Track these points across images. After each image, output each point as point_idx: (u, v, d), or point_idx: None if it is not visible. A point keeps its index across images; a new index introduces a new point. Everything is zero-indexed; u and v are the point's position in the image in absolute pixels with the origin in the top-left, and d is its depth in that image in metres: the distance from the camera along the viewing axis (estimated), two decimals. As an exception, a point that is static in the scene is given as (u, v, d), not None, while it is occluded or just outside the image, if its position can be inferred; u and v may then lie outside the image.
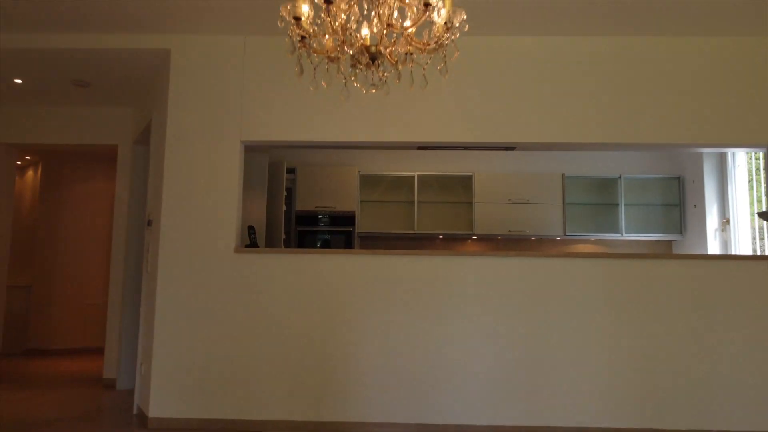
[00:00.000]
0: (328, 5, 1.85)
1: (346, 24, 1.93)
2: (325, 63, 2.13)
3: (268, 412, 3.46)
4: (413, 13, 1.95)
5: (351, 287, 3.56)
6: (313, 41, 2.03)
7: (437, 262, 3.59)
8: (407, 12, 1.98)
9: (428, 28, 2.01)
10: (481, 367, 3.46)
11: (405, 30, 1.93)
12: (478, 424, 3.41)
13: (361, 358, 3.49)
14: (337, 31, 1.93)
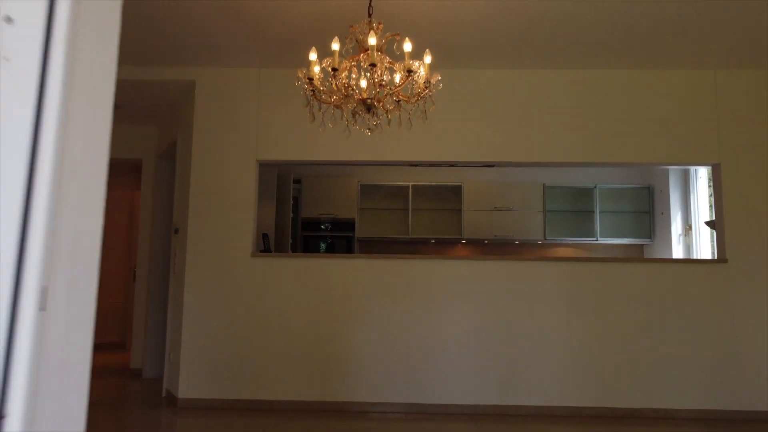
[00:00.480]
0: (335, 72, 2.43)
1: (347, 83, 2.51)
2: (332, 109, 2.71)
3: (279, 393, 4.04)
4: (402, 74, 2.53)
5: (351, 287, 4.14)
6: (321, 94, 2.61)
7: (427, 265, 4.17)
8: (395, 70, 2.57)
9: (411, 85, 2.59)
10: (463, 355, 4.04)
11: (393, 89, 2.51)
12: (460, 404, 4.00)
13: (359, 348, 4.07)
14: (341, 89, 2.52)
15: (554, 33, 3.61)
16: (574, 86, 4.34)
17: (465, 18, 3.37)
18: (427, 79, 2.54)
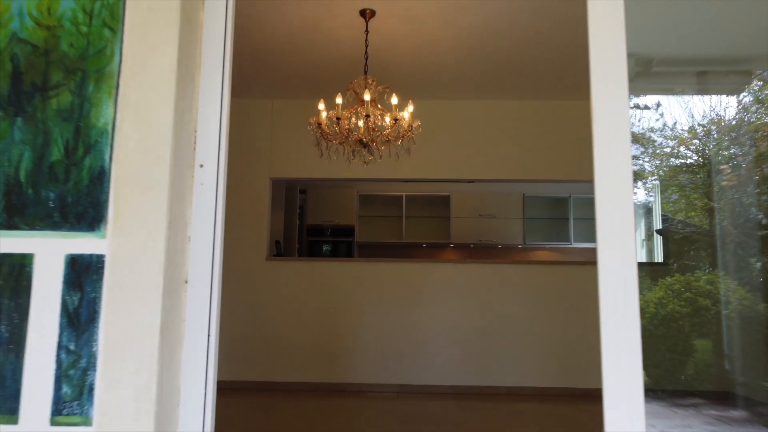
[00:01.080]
0: (339, 120, 3.18)
1: (348, 127, 3.26)
2: (336, 145, 3.46)
3: (290, 375, 4.78)
4: (390, 121, 3.28)
5: (352, 286, 4.88)
6: (328, 135, 3.36)
7: (417, 268, 4.92)
8: (385, 116, 3.31)
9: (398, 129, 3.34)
10: (447, 343, 4.78)
11: (384, 132, 3.26)
12: (443, 384, 4.74)
13: (358, 337, 4.81)
14: (343, 132, 3.26)
15: (496, 73, 4.36)
16: (516, 115, 5.07)
17: (439, 63, 4.14)
18: (410, 125, 3.28)
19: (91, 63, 1.22)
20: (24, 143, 1.19)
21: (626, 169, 1.30)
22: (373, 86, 3.25)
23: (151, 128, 1.20)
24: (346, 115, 3.25)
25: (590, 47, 1.35)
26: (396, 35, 3.74)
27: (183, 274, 1.29)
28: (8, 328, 1.14)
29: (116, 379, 1.13)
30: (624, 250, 1.25)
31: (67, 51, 1.22)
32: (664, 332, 5.20)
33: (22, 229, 1.16)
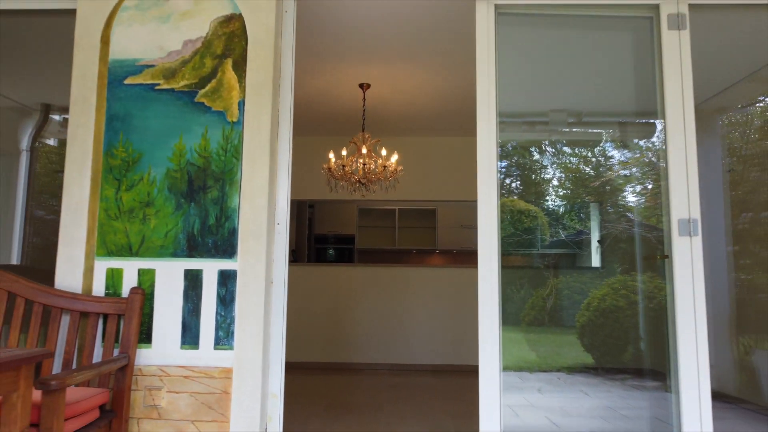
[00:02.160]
0: (344, 167, 4.44)
1: (351, 169, 4.53)
2: (342, 182, 4.72)
3: (304, 356, 6.03)
4: (383, 163, 4.54)
5: (352, 285, 6.13)
6: (335, 176, 4.62)
7: (406, 271, 6.17)
8: (378, 161, 4.58)
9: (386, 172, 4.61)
10: (429, 331, 6.03)
11: (376, 174, 4.52)
12: (425, 363, 5.98)
13: (357, 326, 6.06)
14: (347, 173, 4.53)
15: (454, 118, 5.63)
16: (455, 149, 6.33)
17: (416, 113, 5.42)
18: (395, 168, 4.55)
19: (227, 175, 2.48)
20: (196, 215, 2.45)
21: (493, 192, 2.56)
22: (368, 140, 4.52)
23: (256, 208, 2.46)
24: (349, 162, 4.51)
25: (477, 109, 2.61)
26: (386, 98, 5.01)
27: (270, 278, 2.55)
28: (193, 305, 2.41)
29: (244, 328, 2.39)
30: (491, 249, 2.51)
31: (215, 169, 2.48)
32: (604, 322, 6.45)
33: (196, 258, 2.43)
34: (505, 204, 4.29)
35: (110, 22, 2.56)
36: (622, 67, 2.98)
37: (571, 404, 3.56)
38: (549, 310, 4.01)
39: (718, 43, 3.34)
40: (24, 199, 3.82)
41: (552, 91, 3.17)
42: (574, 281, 4.62)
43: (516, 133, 3.18)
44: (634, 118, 3.20)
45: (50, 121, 4.17)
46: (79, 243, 2.42)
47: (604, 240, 5.39)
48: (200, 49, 2.52)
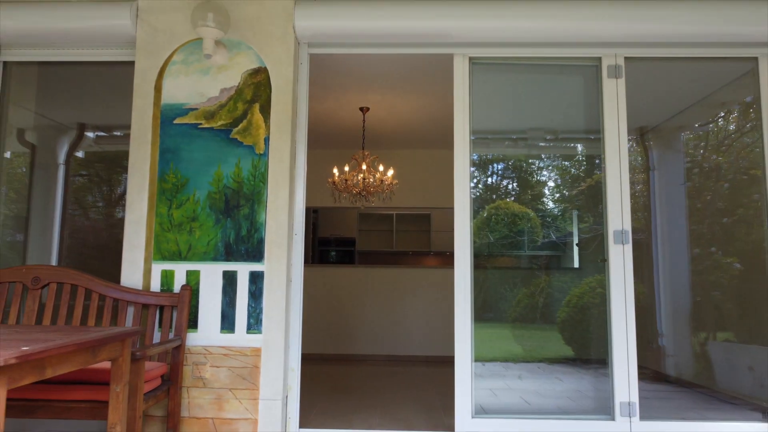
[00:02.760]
0: (346, 181, 5.10)
1: (353, 183, 5.19)
2: (344, 194, 5.38)
3: (310, 348, 6.67)
4: (380, 177, 5.20)
5: (354, 284, 6.78)
6: (339, 188, 5.28)
7: (402, 272, 6.82)
8: (376, 175, 5.24)
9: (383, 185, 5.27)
10: (422, 325, 6.69)
11: (374, 187, 5.18)
12: (418, 354, 6.64)
13: (358, 321, 6.71)
14: (350, 186, 5.19)
15: None
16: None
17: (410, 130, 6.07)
18: (391, 182, 5.21)
19: (255, 196, 3.14)
20: (231, 228, 3.11)
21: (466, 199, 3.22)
22: (367, 157, 5.18)
23: (279, 222, 3.12)
24: (351, 176, 5.17)
25: (455, 137, 3.27)
26: (383, 118, 5.67)
27: (290, 278, 3.21)
28: (229, 298, 3.06)
29: (270, 317, 3.05)
30: (465, 247, 3.17)
31: (246, 191, 3.14)
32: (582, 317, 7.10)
33: (232, 262, 3.09)
34: (499, 206, 4.91)
35: (162, 73, 3.22)
36: (574, 100, 3.63)
37: (546, 388, 4.16)
38: (534, 307, 4.60)
39: (676, 72, 3.97)
40: (61, 206, 4.47)
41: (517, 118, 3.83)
42: (556, 281, 5.23)
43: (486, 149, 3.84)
44: (585, 142, 3.85)
45: (84, 137, 4.81)
46: (140, 250, 3.09)
47: (581, 243, 5.93)
48: (234, 95, 3.19)
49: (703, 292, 5.39)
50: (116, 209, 3.93)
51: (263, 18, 3.23)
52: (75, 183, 4.67)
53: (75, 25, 3.26)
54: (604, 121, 3.33)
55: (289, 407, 3.11)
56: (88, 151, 4.68)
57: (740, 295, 4.05)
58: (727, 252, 4.11)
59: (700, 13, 3.15)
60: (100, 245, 3.87)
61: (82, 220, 4.39)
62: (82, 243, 4.09)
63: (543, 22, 3.20)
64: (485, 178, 3.97)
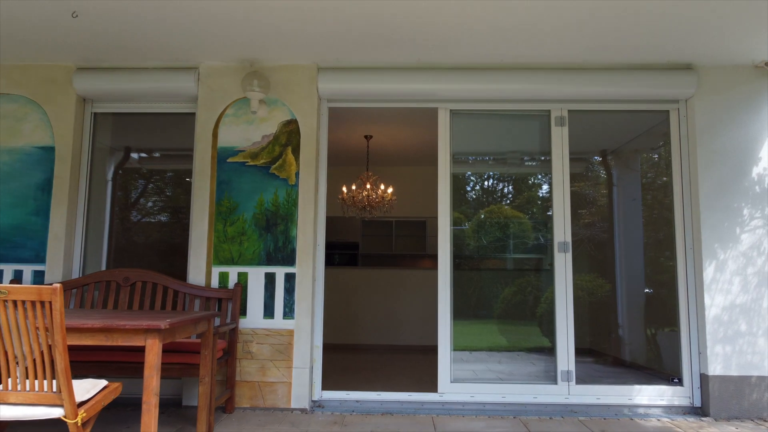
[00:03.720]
0: (353, 197, 6.16)
1: (358, 199, 6.24)
2: (352, 208, 6.43)
3: (321, 339, 7.72)
4: (381, 194, 6.26)
5: (357, 284, 7.83)
6: (348, 203, 6.33)
7: (401, 272, 7.87)
8: (378, 192, 6.30)
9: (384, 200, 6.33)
10: (418, 319, 7.73)
11: (377, 201, 6.23)
12: (415, 344, 7.68)
13: (362, 314, 7.75)
14: (356, 201, 6.24)
15: None
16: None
17: (407, 153, 7.12)
18: (390, 198, 6.26)
19: (289, 217, 4.19)
20: (271, 241, 4.17)
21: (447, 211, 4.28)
22: (371, 177, 6.23)
23: (306, 236, 4.18)
24: (357, 193, 6.23)
25: (439, 162, 4.32)
26: (384, 143, 6.72)
27: (314, 277, 4.27)
28: (270, 293, 4.12)
29: (300, 307, 4.10)
30: (446, 254, 4.23)
31: (281, 213, 4.20)
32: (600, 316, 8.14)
33: (272, 266, 4.14)
34: (493, 210, 5.90)
35: (218, 123, 4.28)
36: (530, 139, 4.68)
37: (519, 369, 5.15)
38: (517, 303, 5.55)
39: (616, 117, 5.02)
40: (109, 217, 5.51)
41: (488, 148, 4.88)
42: (537, 280, 6.20)
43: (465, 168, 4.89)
44: (539, 169, 4.90)
45: (129, 158, 5.85)
46: (202, 257, 4.14)
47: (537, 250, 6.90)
48: (272, 140, 4.24)
49: (654, 288, 6.39)
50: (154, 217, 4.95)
51: (294, 82, 4.29)
52: (120, 196, 5.67)
53: (151, 86, 4.32)
54: (552, 158, 4.38)
55: (314, 374, 4.17)
56: (131, 170, 5.67)
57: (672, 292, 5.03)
58: (668, 257, 5.12)
59: (624, 80, 4.21)
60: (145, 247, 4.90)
61: (126, 228, 5.38)
62: (126, 248, 5.08)
63: (507, 85, 4.25)
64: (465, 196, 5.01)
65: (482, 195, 5.18)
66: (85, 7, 3.45)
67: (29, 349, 2.22)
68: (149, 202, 5.04)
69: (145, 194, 5.04)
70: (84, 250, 4.46)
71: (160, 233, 4.98)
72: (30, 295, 2.17)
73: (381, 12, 3.46)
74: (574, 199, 4.67)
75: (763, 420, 3.91)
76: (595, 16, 3.49)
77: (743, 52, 4.03)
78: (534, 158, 4.85)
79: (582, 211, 6.13)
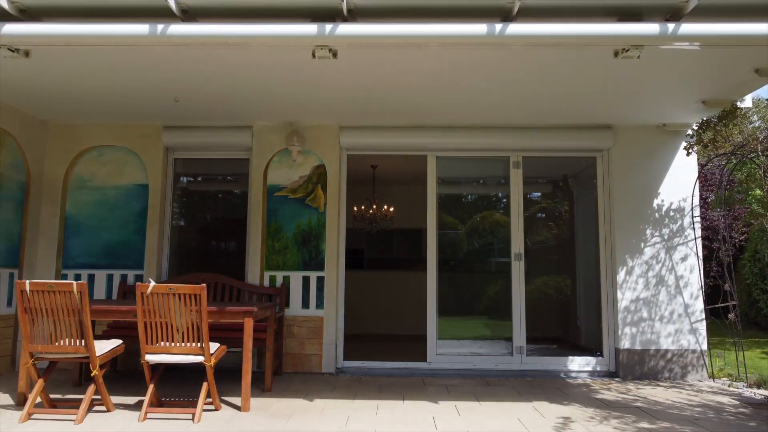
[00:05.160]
0: (363, 214, 7.78)
1: (367, 214, 7.87)
2: (361, 221, 8.05)
3: (334, 329, 9.35)
4: (384, 212, 7.88)
5: (363, 284, 9.43)
6: (359, 217, 7.95)
7: (401, 274, 9.47)
8: (381, 210, 7.92)
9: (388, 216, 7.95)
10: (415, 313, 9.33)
11: (380, 219, 7.85)
12: (411, 334, 9.29)
13: (368, 308, 9.35)
14: (365, 218, 7.86)
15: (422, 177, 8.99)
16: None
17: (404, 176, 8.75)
18: (391, 215, 7.88)
19: (319, 235, 5.82)
20: (306, 253, 5.79)
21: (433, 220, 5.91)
22: (375, 200, 7.85)
23: (331, 249, 5.80)
24: (366, 212, 7.84)
25: (427, 194, 5.93)
26: (388, 170, 8.34)
27: (338, 279, 5.89)
28: (305, 290, 5.75)
29: (328, 301, 5.72)
30: (432, 260, 5.86)
31: (313, 233, 5.82)
32: (533, 308, 9.73)
33: (307, 271, 5.77)
34: (486, 216, 7.51)
35: (267, 167, 5.90)
36: (496, 173, 6.29)
37: (495, 352, 6.71)
38: (498, 300, 7.10)
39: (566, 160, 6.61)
40: (170, 226, 7.09)
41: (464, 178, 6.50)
42: (503, 281, 7.64)
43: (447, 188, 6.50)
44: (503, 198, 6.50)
45: (180, 181, 7.45)
46: (257, 264, 5.76)
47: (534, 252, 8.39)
48: (306, 180, 5.86)
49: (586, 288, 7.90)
50: (203, 229, 6.57)
51: (323, 137, 5.91)
52: (176, 211, 7.20)
53: (218, 140, 5.94)
54: (510, 192, 6.01)
55: (338, 348, 5.80)
56: (198, 197, 7.22)
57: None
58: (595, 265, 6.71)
59: (562, 136, 5.82)
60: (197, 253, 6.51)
61: (182, 238, 6.95)
62: (180, 255, 6.66)
63: (477, 140, 5.87)
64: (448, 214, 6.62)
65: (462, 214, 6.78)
66: (176, 90, 5.05)
67: (184, 322, 3.84)
68: (210, 222, 6.64)
69: (207, 216, 6.65)
70: (169, 259, 6.09)
71: (218, 244, 6.60)
72: (187, 291, 3.80)
73: (387, 95, 5.07)
74: (542, 213, 6.27)
75: (656, 380, 5.53)
76: (542, 95, 5.06)
77: (647, 117, 5.65)
78: (499, 186, 6.47)
79: (551, 224, 7.65)
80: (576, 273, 7.11)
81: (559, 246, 7.51)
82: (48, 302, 3.75)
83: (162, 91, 5.01)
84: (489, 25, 3.32)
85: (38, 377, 3.89)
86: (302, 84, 4.75)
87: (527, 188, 6.58)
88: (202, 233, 6.73)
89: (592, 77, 4.51)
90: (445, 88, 4.78)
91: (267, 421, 3.87)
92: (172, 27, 3.36)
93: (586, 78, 4.52)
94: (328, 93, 5.00)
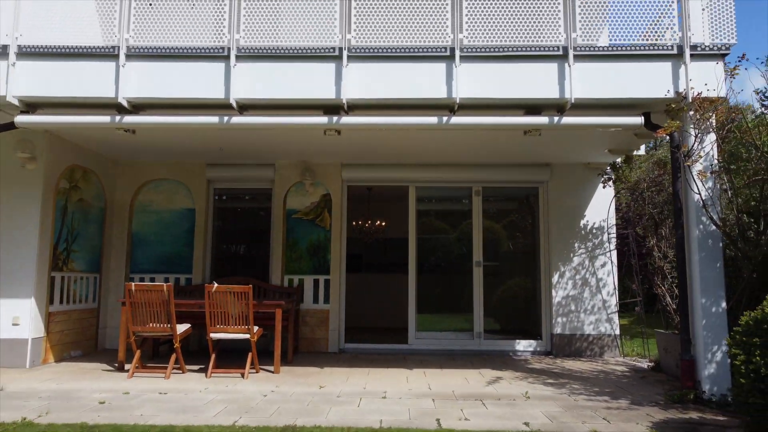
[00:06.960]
0: (360, 228, 9.59)
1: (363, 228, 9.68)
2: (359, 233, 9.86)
3: (336, 323, 11.15)
4: (377, 226, 9.69)
5: (361, 285, 11.21)
6: (357, 229, 9.76)
7: (396, 276, 11.27)
8: (375, 224, 9.74)
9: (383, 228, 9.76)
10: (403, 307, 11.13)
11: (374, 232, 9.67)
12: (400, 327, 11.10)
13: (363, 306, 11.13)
14: (362, 230, 9.67)
15: None
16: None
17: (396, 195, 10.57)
18: (383, 228, 9.68)
19: (327, 248, 7.63)
20: (316, 260, 7.61)
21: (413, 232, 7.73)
22: (371, 217, 9.67)
23: (336, 257, 7.61)
24: (362, 225, 9.65)
25: (409, 210, 7.76)
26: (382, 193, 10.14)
27: (340, 281, 7.71)
28: (316, 289, 7.57)
29: (333, 297, 7.54)
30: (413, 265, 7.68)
31: (321, 246, 7.64)
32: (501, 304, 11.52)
33: (316, 274, 7.59)
34: (458, 228, 9.31)
35: (286, 196, 7.71)
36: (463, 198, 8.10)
37: (461, 337, 8.48)
38: (466, 297, 8.89)
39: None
40: (212, 240, 8.89)
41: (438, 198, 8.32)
42: (488, 283, 9.41)
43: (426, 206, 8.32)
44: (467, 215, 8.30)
45: (219, 204, 9.25)
46: (278, 270, 7.58)
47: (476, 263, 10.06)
48: (316, 205, 7.67)
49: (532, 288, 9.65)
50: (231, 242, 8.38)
51: (329, 172, 7.72)
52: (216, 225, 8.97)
53: (248, 174, 7.77)
54: (473, 215, 7.82)
55: (341, 334, 7.62)
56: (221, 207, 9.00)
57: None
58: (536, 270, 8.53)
59: (512, 171, 7.64)
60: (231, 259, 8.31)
61: (223, 248, 8.75)
62: (220, 266, 8.47)
63: (447, 174, 7.69)
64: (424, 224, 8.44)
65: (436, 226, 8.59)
66: (221, 143, 6.86)
67: (237, 311, 5.66)
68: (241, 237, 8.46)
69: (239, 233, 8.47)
70: (211, 266, 7.92)
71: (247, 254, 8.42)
72: (239, 290, 5.62)
73: (378, 146, 6.88)
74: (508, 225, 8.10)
75: (580, 357, 7.35)
76: (492, 146, 6.86)
77: (575, 158, 7.46)
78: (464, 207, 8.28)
79: (517, 234, 9.40)
80: (528, 276, 8.88)
81: (515, 254, 9.24)
82: (145, 297, 5.57)
83: (210, 142, 6.84)
84: (438, 117, 5.14)
85: (136, 348, 5.71)
86: (314, 145, 6.58)
87: (493, 206, 8.38)
88: (235, 246, 8.54)
89: (517, 143, 6.35)
90: (419, 145, 6.61)
91: (293, 379, 5.69)
92: (234, 119, 5.19)
93: (514, 142, 6.36)
94: (333, 148, 6.83)
